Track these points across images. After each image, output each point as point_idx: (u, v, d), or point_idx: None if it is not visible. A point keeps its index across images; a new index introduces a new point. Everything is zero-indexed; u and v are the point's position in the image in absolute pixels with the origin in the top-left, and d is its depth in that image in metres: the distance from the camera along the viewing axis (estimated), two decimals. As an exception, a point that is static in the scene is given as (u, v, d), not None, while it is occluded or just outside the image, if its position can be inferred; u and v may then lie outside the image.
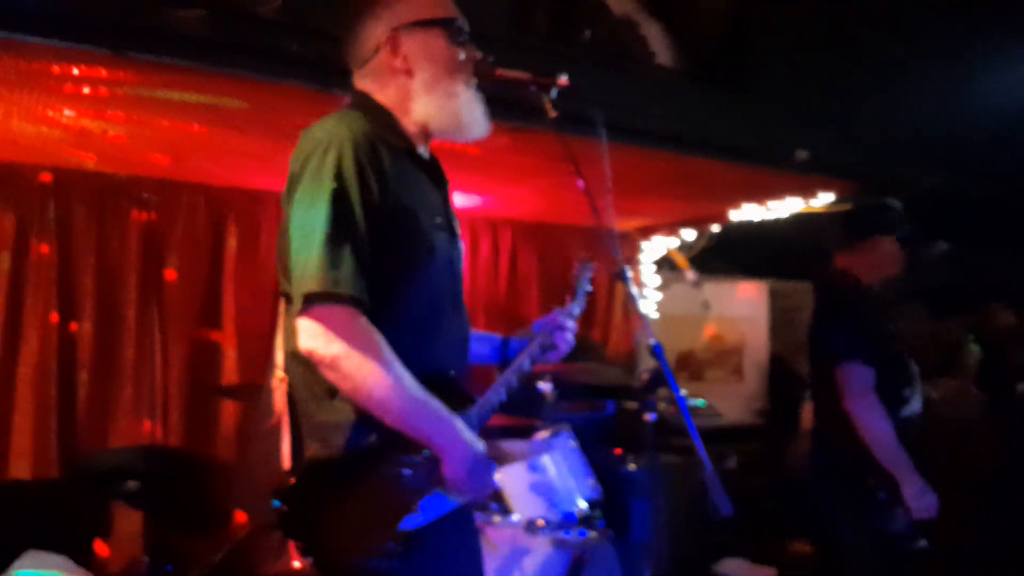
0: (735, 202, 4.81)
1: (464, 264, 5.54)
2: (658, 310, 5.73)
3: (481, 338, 2.03)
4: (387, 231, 1.53)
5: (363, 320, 1.48)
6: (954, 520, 3.94)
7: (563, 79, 1.73)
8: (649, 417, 1.59)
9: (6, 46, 2.37)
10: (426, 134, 1.72)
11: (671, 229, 5.49)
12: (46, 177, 3.83)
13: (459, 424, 1.56)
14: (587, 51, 3.38)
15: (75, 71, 2.58)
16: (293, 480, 1.47)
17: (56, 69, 2.57)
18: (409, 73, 1.68)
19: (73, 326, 3.90)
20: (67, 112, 3.00)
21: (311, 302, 1.46)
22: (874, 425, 2.67)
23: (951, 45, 4.45)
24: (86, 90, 2.74)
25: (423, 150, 1.74)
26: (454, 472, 1.53)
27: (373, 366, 1.46)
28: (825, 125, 4.15)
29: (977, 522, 4.42)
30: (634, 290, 1.59)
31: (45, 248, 3.82)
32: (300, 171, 1.54)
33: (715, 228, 5.32)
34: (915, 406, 2.86)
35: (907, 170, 4.38)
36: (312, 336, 1.46)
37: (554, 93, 1.74)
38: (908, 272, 3.02)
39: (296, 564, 1.45)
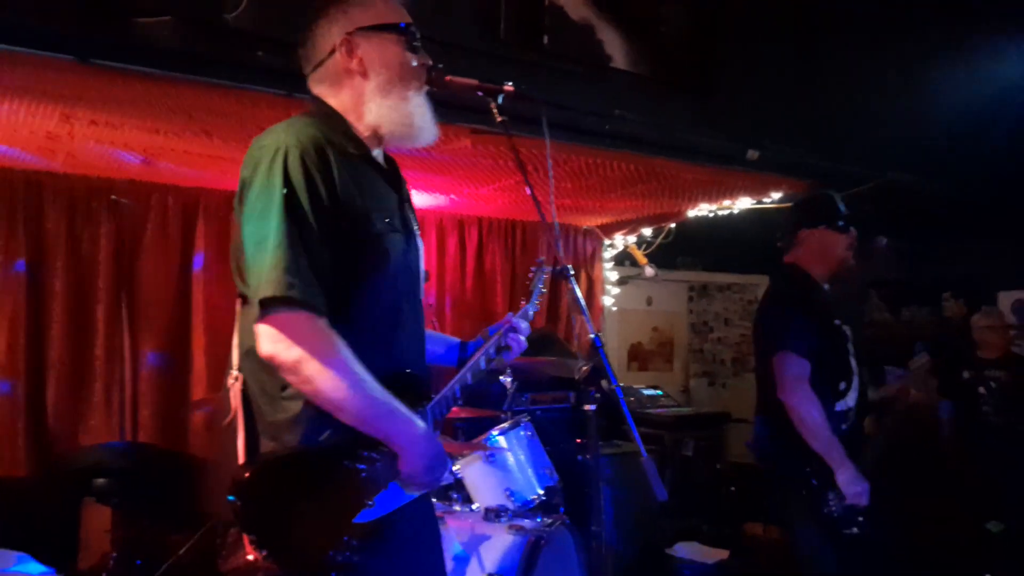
0: (693, 201, 4.94)
1: (431, 261, 5.58)
2: (615, 305, 5.89)
3: (439, 340, 2.11)
4: (341, 235, 1.57)
5: (322, 323, 1.52)
6: (902, 503, 4.13)
7: (509, 86, 1.81)
8: (590, 408, 1.68)
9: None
10: (378, 138, 1.76)
11: (632, 227, 5.63)
12: (15, 179, 3.86)
13: (417, 422, 1.61)
14: (550, 58, 3.47)
15: (40, 78, 2.63)
16: (248, 475, 1.49)
17: (20, 76, 2.62)
18: (364, 75, 1.72)
19: (42, 326, 3.94)
20: (33, 117, 3.04)
21: (269, 307, 1.50)
22: (806, 414, 2.74)
23: (904, 46, 4.59)
24: (51, 96, 2.79)
25: (378, 153, 1.78)
26: (411, 468, 1.60)
27: (333, 369, 1.50)
28: (783, 126, 4.27)
29: (925, 508, 4.61)
30: (576, 288, 1.68)
31: (14, 249, 3.86)
32: (250, 177, 1.57)
33: (672, 225, 5.48)
34: (850, 399, 2.93)
35: (861, 168, 4.53)
36: (273, 341, 1.50)
37: (500, 99, 1.81)
38: (860, 263, 3.09)
39: (250, 557, 1.48)
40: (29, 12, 2.37)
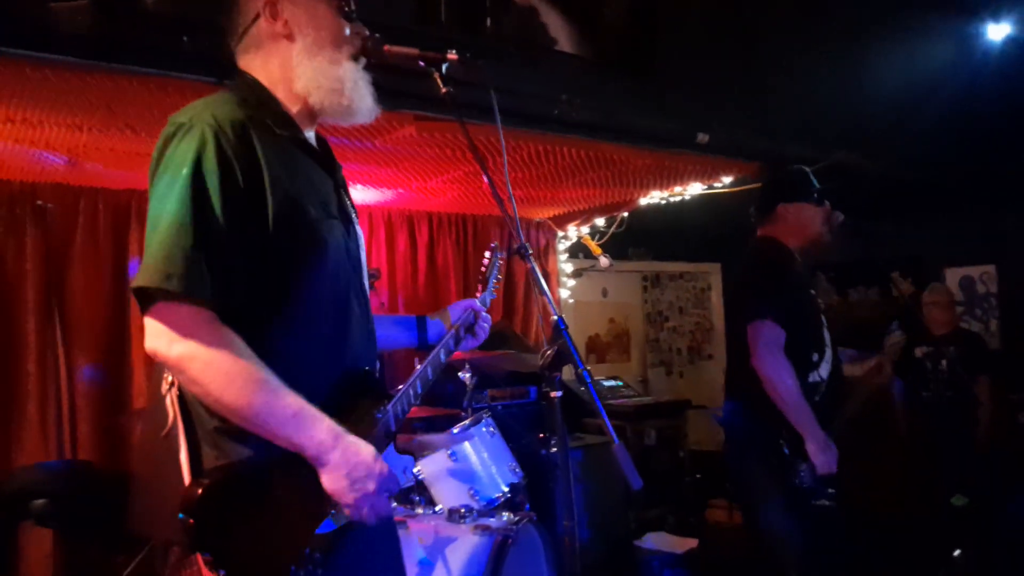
0: (645, 187, 4.89)
1: (381, 259, 5.43)
2: (571, 297, 5.83)
3: (397, 322, 1.99)
4: (270, 223, 1.43)
5: (208, 316, 1.36)
6: (865, 479, 4.14)
7: (452, 54, 1.68)
8: (556, 395, 1.58)
9: None
10: (310, 113, 1.62)
11: (585, 217, 5.57)
12: (-72, 186, 3.64)
13: (334, 428, 1.43)
14: (493, 42, 3.37)
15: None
16: (200, 491, 1.35)
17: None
18: (290, 38, 1.58)
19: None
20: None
21: (151, 299, 1.36)
22: (780, 382, 2.70)
23: (845, 27, 4.61)
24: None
25: (309, 134, 1.65)
26: (333, 484, 1.42)
27: (221, 368, 1.34)
28: (730, 108, 4.24)
29: (888, 480, 4.64)
30: (536, 267, 1.57)
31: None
32: (158, 156, 1.44)
33: (625, 214, 5.43)
34: (823, 371, 2.91)
35: (806, 149, 4.53)
36: (155, 335, 1.36)
37: (444, 68, 1.69)
38: (833, 234, 3.07)
39: None
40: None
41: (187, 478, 1.39)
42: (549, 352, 1.51)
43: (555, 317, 1.50)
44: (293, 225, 1.46)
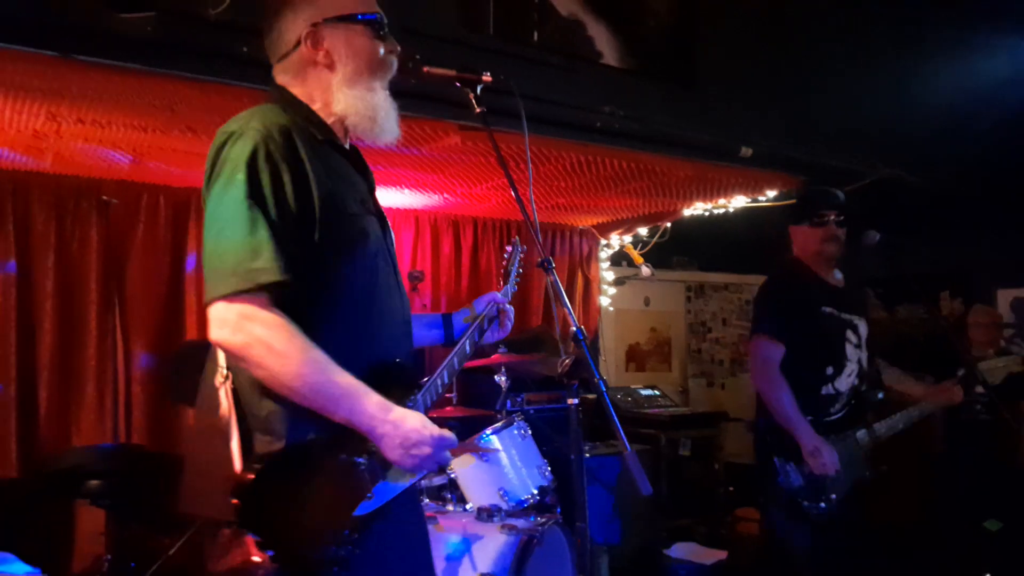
0: (688, 199, 4.91)
1: (426, 261, 5.50)
2: (612, 305, 5.87)
3: (423, 321, 2.07)
4: (315, 219, 1.55)
5: (268, 305, 1.48)
6: (894, 496, 4.09)
7: (487, 76, 1.79)
8: (573, 402, 1.66)
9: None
10: (344, 127, 1.74)
11: (628, 226, 5.60)
12: (2, 180, 3.84)
13: (386, 404, 1.55)
14: (537, 51, 3.45)
15: (23, 73, 2.60)
16: (251, 476, 1.46)
17: (3, 72, 2.59)
18: (331, 67, 1.69)
19: (33, 327, 3.91)
20: (18, 115, 3.02)
21: (220, 296, 1.48)
22: (772, 396, 2.88)
23: (893, 41, 4.57)
24: (36, 93, 2.77)
25: (344, 143, 1.76)
26: (388, 454, 1.55)
27: (281, 352, 1.46)
28: (772, 120, 4.25)
29: (917, 499, 4.58)
30: (557, 280, 1.65)
31: (4, 250, 3.84)
32: (213, 163, 1.56)
33: (668, 224, 5.45)
34: (840, 384, 2.98)
35: (852, 163, 4.50)
36: (219, 326, 1.48)
37: (479, 89, 1.80)
38: (847, 255, 3.14)
39: (255, 558, 1.47)
40: (9, 5, 2.35)
41: (238, 464, 1.52)
42: (567, 361, 1.59)
43: (574, 328, 1.58)
44: (336, 219, 1.59)
